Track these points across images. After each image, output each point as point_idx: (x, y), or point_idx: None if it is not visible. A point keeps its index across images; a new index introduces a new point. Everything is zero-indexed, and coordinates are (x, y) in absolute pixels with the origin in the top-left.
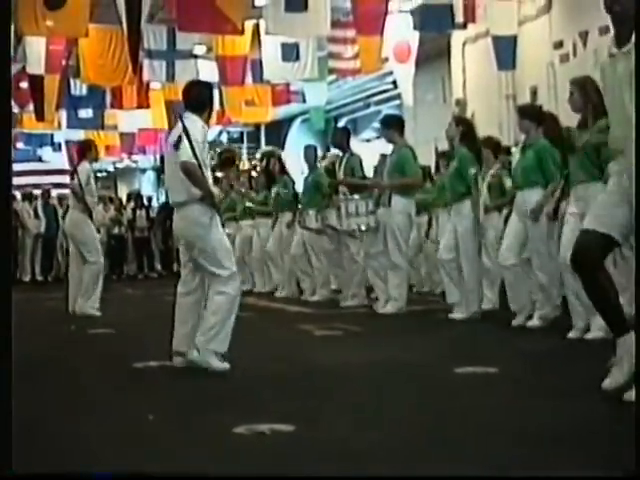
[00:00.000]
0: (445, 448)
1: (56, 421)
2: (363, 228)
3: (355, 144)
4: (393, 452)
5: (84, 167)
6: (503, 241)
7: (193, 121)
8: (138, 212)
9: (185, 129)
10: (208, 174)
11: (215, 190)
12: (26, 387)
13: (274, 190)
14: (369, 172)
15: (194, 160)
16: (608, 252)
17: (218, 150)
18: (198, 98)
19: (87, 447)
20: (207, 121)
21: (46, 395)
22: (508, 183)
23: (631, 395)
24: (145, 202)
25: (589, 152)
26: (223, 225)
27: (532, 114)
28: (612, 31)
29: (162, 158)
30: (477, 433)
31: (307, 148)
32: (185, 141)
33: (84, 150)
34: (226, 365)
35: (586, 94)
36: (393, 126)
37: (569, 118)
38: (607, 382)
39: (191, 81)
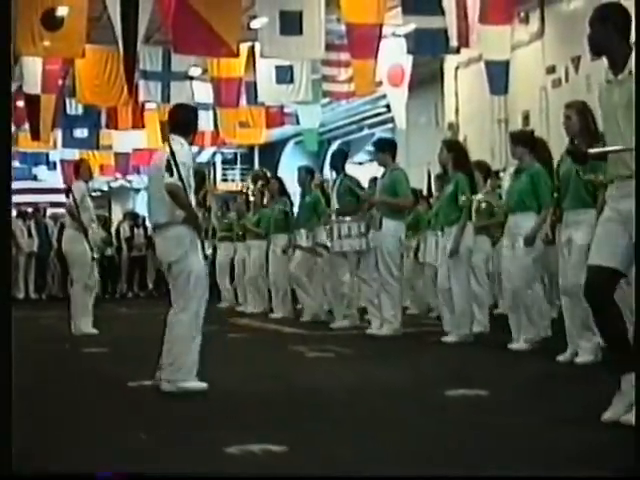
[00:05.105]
0: (435, 469)
1: (47, 438)
2: (356, 249)
3: (348, 167)
4: (383, 473)
5: (79, 186)
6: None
7: (180, 144)
8: (136, 230)
9: (172, 152)
10: (192, 196)
11: (199, 213)
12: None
13: (268, 211)
14: None
15: (179, 182)
16: (616, 284)
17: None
18: (184, 121)
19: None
20: (191, 143)
21: (36, 412)
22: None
23: (629, 418)
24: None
25: (581, 179)
26: (203, 247)
27: (525, 140)
28: (605, 60)
29: None
30: (467, 456)
31: (300, 170)
32: (172, 163)
33: (78, 169)
34: (202, 384)
35: (585, 118)
36: (387, 150)
37: (561, 142)
38: (608, 414)
39: (176, 104)
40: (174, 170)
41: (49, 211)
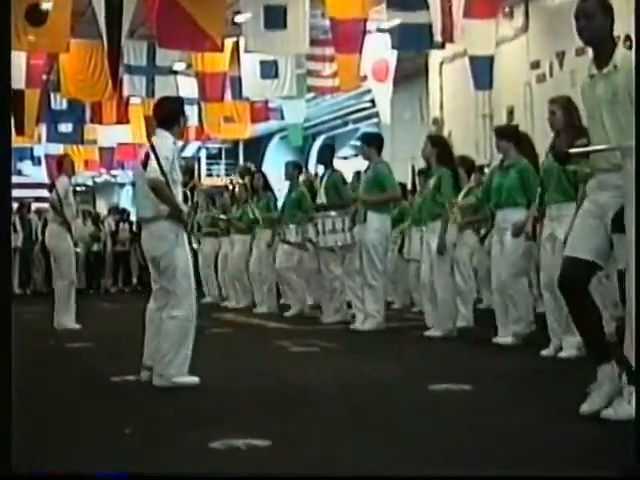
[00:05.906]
0: (418, 464)
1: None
2: (340, 244)
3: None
4: (367, 468)
5: (62, 181)
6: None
7: (163, 137)
8: (121, 225)
9: (152, 146)
10: (178, 190)
11: (184, 207)
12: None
13: (253, 207)
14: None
15: (162, 177)
16: (591, 277)
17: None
18: (168, 114)
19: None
20: (179, 136)
21: (22, 407)
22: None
23: (610, 413)
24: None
25: (565, 173)
26: (191, 242)
27: (509, 134)
28: (590, 53)
29: None
30: (450, 450)
31: (288, 165)
32: (153, 158)
33: (61, 164)
34: (195, 379)
35: (569, 114)
36: (372, 144)
37: (545, 137)
38: (585, 406)
39: (161, 97)
40: (155, 164)
41: (33, 206)
